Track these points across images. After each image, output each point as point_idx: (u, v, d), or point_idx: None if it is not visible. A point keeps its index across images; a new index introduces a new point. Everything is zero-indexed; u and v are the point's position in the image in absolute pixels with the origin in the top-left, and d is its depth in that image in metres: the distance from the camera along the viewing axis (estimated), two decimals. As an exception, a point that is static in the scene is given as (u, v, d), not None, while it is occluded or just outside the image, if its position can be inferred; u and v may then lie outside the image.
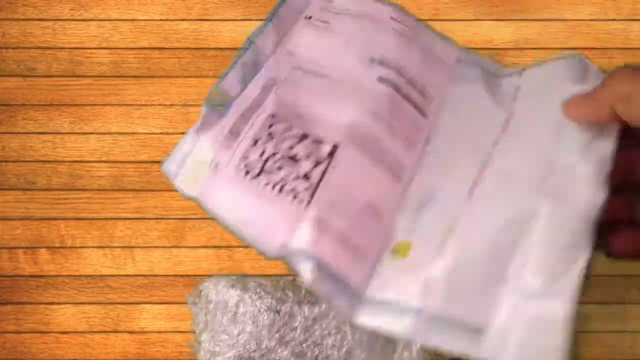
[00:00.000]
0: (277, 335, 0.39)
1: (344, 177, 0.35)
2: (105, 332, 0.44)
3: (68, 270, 0.44)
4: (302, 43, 0.40)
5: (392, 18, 0.41)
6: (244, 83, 0.38)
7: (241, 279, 0.41)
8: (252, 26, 0.45)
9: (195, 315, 0.41)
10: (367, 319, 0.33)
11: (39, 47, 0.46)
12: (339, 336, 0.39)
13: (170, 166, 0.35)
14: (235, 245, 0.44)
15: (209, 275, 0.43)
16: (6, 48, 0.46)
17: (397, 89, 0.39)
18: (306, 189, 0.34)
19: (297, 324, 0.39)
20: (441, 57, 0.41)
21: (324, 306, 0.39)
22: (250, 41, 0.39)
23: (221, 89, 0.37)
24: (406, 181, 0.37)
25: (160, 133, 0.45)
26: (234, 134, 0.36)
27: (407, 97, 0.39)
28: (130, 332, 0.44)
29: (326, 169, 0.35)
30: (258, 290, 0.40)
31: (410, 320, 0.32)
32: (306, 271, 0.33)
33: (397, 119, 0.38)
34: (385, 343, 0.38)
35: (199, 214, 0.45)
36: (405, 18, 0.41)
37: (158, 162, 0.45)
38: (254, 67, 0.38)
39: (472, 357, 0.31)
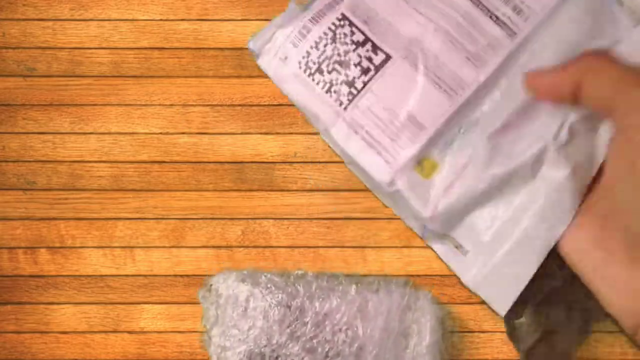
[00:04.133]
0: (288, 330, 0.39)
1: (390, 88, 0.38)
2: (105, 332, 0.44)
3: (68, 270, 0.44)
4: None
5: None
6: None
7: (252, 274, 0.41)
8: (252, 26, 0.45)
9: (206, 310, 0.41)
10: (391, 204, 0.39)
11: (39, 47, 0.46)
12: (350, 332, 0.38)
13: (254, 45, 0.40)
14: (235, 245, 0.44)
15: (209, 275, 0.43)
16: (6, 48, 0.46)
17: (479, 2, 0.38)
18: (348, 93, 0.39)
19: (308, 319, 0.39)
20: None
21: (335, 302, 0.38)
22: None
23: None
24: (465, 99, 0.38)
25: (160, 133, 0.45)
26: (303, 31, 0.40)
27: (491, 13, 0.38)
28: (130, 332, 0.44)
29: (371, 78, 0.38)
30: (269, 285, 0.40)
31: (419, 227, 0.39)
32: (342, 155, 0.40)
33: (469, 36, 0.38)
34: (397, 339, 0.38)
35: (199, 214, 0.45)
36: None
37: (158, 162, 0.45)
38: None
39: (449, 267, 0.38)
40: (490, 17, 0.38)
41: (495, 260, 0.37)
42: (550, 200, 0.36)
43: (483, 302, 0.42)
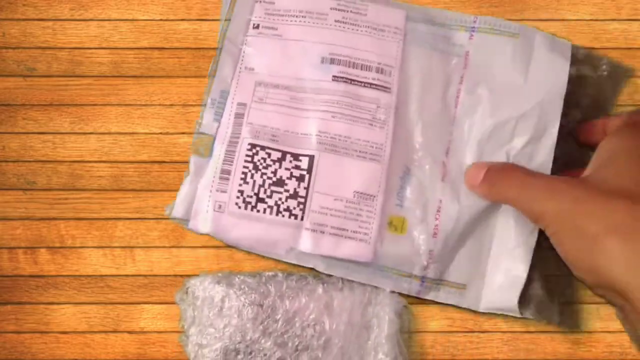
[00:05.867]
0: (261, 327, 0.41)
1: (328, 181, 0.41)
2: (105, 332, 0.44)
3: (68, 270, 0.44)
4: (258, 57, 0.42)
5: (331, 8, 0.43)
6: (218, 118, 0.43)
7: (226, 276, 0.43)
8: (252, 26, 0.45)
9: (184, 312, 0.43)
10: (379, 281, 0.41)
11: (39, 47, 0.46)
12: (317, 327, 0.41)
13: (177, 213, 0.42)
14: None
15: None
16: (6, 48, 0.46)
17: (350, 80, 0.42)
18: (298, 204, 0.41)
19: (279, 316, 0.41)
20: (390, 24, 0.43)
21: (303, 300, 0.41)
22: (210, 76, 0.43)
23: (201, 134, 0.42)
24: (387, 158, 0.41)
25: (160, 133, 0.45)
26: (224, 175, 0.41)
27: (363, 83, 0.42)
28: (130, 332, 0.44)
29: (309, 182, 0.41)
30: (242, 286, 0.42)
31: (414, 284, 0.41)
32: (317, 266, 0.41)
33: (358, 108, 0.42)
34: (360, 331, 0.41)
35: (199, 214, 0.44)
36: (345, 0, 0.44)
37: (158, 162, 0.45)
38: (223, 97, 0.42)
39: (458, 305, 0.42)
40: (364, 85, 0.42)
41: (491, 279, 0.41)
42: None
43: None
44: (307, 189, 0.41)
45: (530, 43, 0.42)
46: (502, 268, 0.41)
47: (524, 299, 0.40)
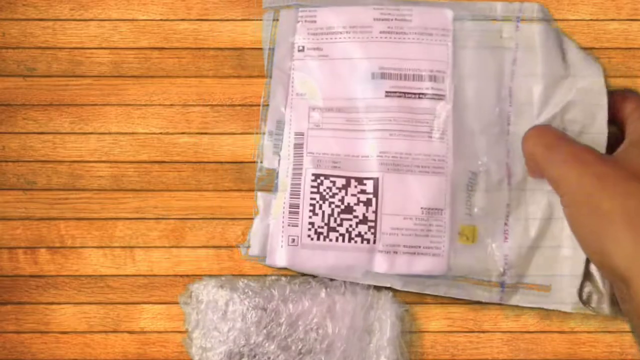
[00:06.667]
0: (265, 331, 0.41)
1: (395, 201, 0.40)
2: (105, 332, 0.44)
3: (68, 270, 0.44)
4: (309, 81, 0.42)
5: (375, 19, 0.42)
6: (278, 150, 0.42)
7: (230, 280, 0.43)
8: (252, 26, 0.45)
9: (188, 315, 0.43)
10: (456, 293, 0.41)
11: (39, 47, 0.46)
12: (320, 331, 0.41)
13: (254, 252, 0.42)
14: (235, 245, 0.44)
15: (209, 275, 0.44)
16: (6, 48, 0.46)
17: (404, 94, 0.41)
18: (369, 229, 0.40)
19: (282, 320, 0.41)
20: (437, 27, 0.42)
21: (306, 304, 0.42)
22: (263, 106, 0.43)
23: (263, 169, 0.42)
24: (450, 169, 0.41)
25: (160, 133, 0.45)
26: (293, 209, 0.41)
27: (417, 95, 0.41)
28: (130, 332, 0.44)
29: (377, 205, 0.40)
30: (246, 290, 0.42)
31: (494, 291, 0.41)
32: (394, 284, 0.41)
33: (415, 122, 0.41)
34: (362, 335, 0.41)
35: (199, 214, 0.45)
36: (388, 9, 0.42)
37: (158, 162, 0.45)
38: (280, 128, 0.41)
39: (545, 307, 0.41)
40: (418, 96, 0.41)
41: (570, 275, 0.40)
42: None
43: (480, 302, 0.42)
44: (375, 212, 0.41)
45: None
46: (576, 261, 0.40)
47: (590, 292, 0.40)
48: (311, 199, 0.41)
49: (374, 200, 0.41)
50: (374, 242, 0.40)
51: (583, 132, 0.40)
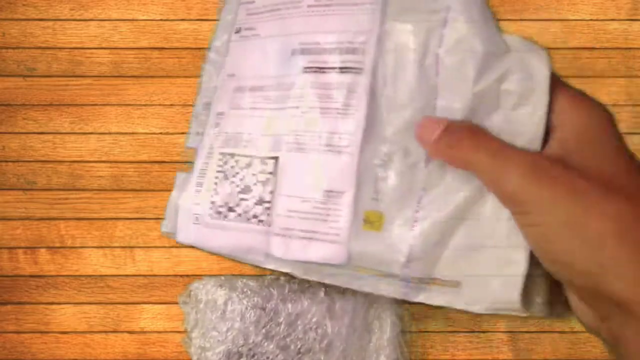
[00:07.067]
0: (263, 330, 0.41)
1: (294, 182, 0.38)
2: (105, 332, 0.44)
3: (68, 270, 0.44)
4: (238, 61, 0.41)
5: None
6: (202, 131, 0.41)
7: (229, 280, 0.43)
8: (252, 26, 0.45)
9: (187, 314, 0.43)
10: (357, 284, 0.37)
11: (39, 47, 0.46)
12: (320, 330, 0.41)
13: (167, 228, 0.40)
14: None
15: (209, 275, 0.44)
16: (6, 48, 0.46)
17: (320, 69, 0.38)
18: (264, 210, 0.38)
19: (281, 319, 0.41)
20: None
21: (305, 303, 0.41)
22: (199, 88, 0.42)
23: (186, 149, 0.41)
24: (358, 149, 0.37)
25: (160, 133, 0.45)
26: (198, 188, 0.40)
27: (333, 69, 0.38)
28: (130, 332, 0.44)
29: (274, 185, 0.38)
30: (245, 289, 0.42)
31: (397, 285, 0.36)
32: (294, 271, 0.38)
33: (328, 98, 0.38)
34: (362, 334, 0.41)
35: (199, 214, 0.45)
36: None
37: (158, 162, 0.45)
38: (206, 109, 0.41)
39: (452, 307, 0.35)
40: (334, 70, 0.38)
41: (488, 274, 0.36)
42: None
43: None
44: (272, 192, 0.38)
45: None
46: (500, 260, 0.35)
47: (527, 294, 0.36)
48: (215, 177, 0.39)
49: (272, 180, 0.38)
50: (269, 224, 0.37)
51: (519, 105, 0.34)
